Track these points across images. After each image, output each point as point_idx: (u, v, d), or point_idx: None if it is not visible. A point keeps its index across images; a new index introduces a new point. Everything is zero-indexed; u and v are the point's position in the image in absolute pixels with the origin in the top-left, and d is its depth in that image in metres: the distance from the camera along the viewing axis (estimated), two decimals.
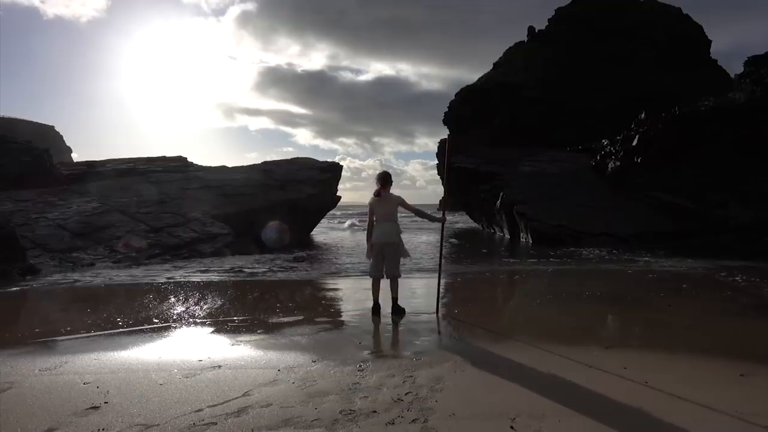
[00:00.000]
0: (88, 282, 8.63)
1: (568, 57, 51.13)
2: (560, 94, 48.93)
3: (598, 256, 12.64)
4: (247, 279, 8.92)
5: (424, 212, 5.71)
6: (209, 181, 19.98)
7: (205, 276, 9.34)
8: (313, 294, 7.24)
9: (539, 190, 19.51)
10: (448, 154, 6.09)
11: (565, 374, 3.54)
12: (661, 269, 9.81)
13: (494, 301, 6.86)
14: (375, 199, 5.38)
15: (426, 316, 5.42)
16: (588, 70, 49.99)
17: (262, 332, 4.81)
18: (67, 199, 16.45)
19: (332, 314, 5.75)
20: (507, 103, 50.64)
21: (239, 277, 9.23)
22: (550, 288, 7.64)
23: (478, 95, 53.69)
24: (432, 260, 11.85)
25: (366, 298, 6.40)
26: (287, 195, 19.69)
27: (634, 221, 16.94)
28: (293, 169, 22.71)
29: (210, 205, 17.20)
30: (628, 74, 48.74)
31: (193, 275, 9.50)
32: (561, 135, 43.08)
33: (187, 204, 16.93)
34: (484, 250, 15.32)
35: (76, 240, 12.74)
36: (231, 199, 18.17)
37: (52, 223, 13.65)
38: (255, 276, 9.36)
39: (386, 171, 5.48)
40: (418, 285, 7.95)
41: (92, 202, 16.11)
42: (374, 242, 5.36)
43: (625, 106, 42.17)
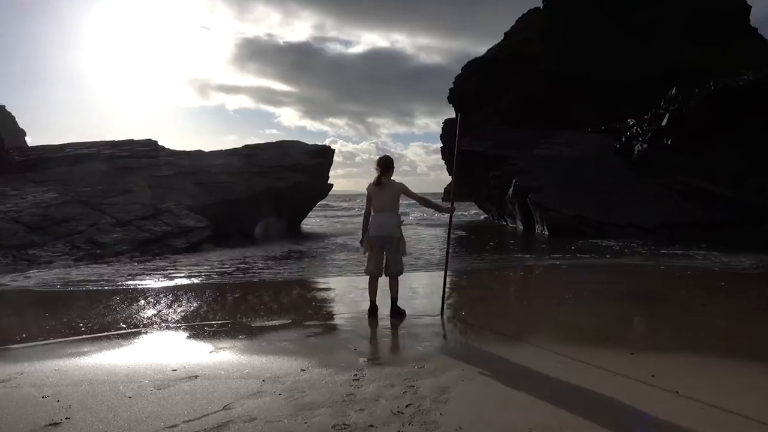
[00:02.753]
0: (46, 282, 8.61)
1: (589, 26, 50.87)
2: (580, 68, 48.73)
3: (622, 249, 12.70)
4: (226, 278, 8.94)
5: (430, 201, 5.71)
6: (183, 168, 19.88)
7: (180, 274, 9.36)
8: (301, 294, 7.25)
9: (556, 176, 19.51)
10: (459, 135, 5.98)
11: (586, 383, 3.53)
12: (694, 264, 9.87)
13: (506, 301, 6.88)
14: (374, 186, 5.38)
15: (429, 319, 5.44)
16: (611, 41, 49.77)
17: (244, 337, 4.82)
18: (21, 188, 16.35)
19: (323, 317, 5.76)
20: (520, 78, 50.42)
21: (218, 275, 9.25)
22: (569, 286, 7.67)
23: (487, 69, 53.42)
24: (436, 255, 11.90)
25: (361, 299, 6.44)
26: (272, 183, 19.63)
27: (663, 210, 16.98)
28: (278, 153, 22.61)
29: (184, 195, 17.13)
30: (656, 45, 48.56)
31: (166, 274, 9.51)
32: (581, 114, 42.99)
33: (158, 193, 16.85)
34: (494, 244, 15.37)
35: (32, 235, 12.69)
36: (208, 188, 18.10)
37: (4, 216, 13.57)
38: (236, 274, 9.37)
39: (387, 155, 5.51)
40: (420, 283, 7.98)
41: (50, 191, 16.02)
42: (372, 235, 5.35)
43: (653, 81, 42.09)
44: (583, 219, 16.67)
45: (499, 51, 55.31)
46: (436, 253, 12.26)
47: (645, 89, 41.85)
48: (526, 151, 22.13)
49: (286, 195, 19.63)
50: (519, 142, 23.21)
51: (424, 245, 14.61)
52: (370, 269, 5.45)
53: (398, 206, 5.50)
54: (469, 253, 12.51)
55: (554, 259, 10.90)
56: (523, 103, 48.75)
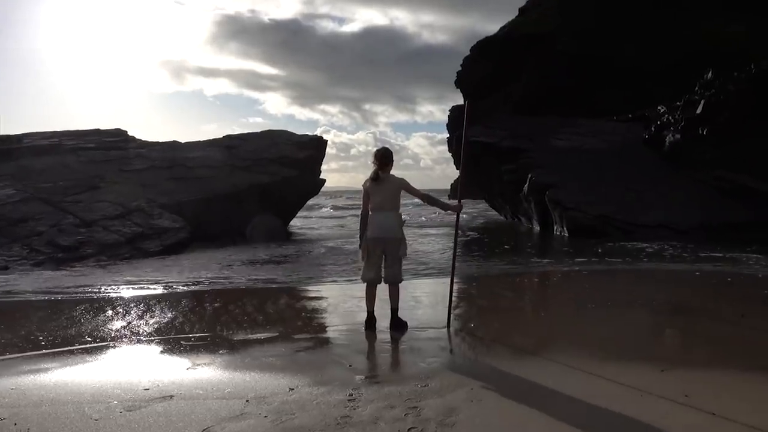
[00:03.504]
0: (1, 291, 8.61)
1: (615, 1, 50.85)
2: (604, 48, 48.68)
3: (652, 253, 12.72)
4: (205, 285, 8.97)
5: (435, 198, 5.73)
6: (156, 161, 19.89)
7: (152, 281, 9.37)
8: (290, 304, 7.27)
9: (578, 170, 19.52)
10: (467, 124, 5.98)
11: (611, 404, 3.53)
12: (734, 270, 9.87)
13: (521, 312, 6.90)
14: (372, 182, 5.40)
15: (434, 331, 5.46)
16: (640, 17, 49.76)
17: (225, 352, 4.84)
18: None
19: (314, 329, 5.78)
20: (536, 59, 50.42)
21: (195, 282, 9.27)
22: (592, 294, 7.68)
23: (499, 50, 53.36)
24: (441, 260, 11.92)
25: (357, 309, 6.50)
26: (257, 178, 19.66)
27: (698, 209, 17.00)
28: (264, 144, 22.63)
29: (157, 192, 17.15)
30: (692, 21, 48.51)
31: (137, 280, 9.52)
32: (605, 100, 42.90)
33: (128, 190, 16.86)
34: (507, 247, 15.40)
35: None
36: (184, 184, 18.13)
37: None
38: (216, 281, 9.40)
39: (386, 147, 5.55)
40: (423, 292, 8.00)
41: (6, 188, 16.02)
42: (370, 237, 5.37)
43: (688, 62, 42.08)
44: (608, 219, 16.69)
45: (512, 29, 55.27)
46: (442, 258, 12.29)
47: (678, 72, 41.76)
48: (543, 142, 22.12)
49: (272, 192, 19.65)
50: (535, 131, 23.21)
51: (428, 248, 14.64)
52: (367, 276, 5.46)
53: (399, 204, 5.52)
54: (479, 258, 12.54)
55: (576, 265, 10.90)
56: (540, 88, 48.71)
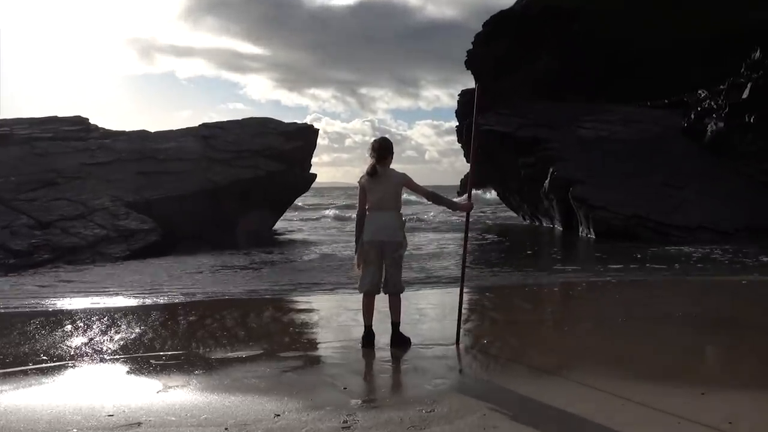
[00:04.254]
0: None
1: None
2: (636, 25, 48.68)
3: (692, 259, 12.74)
4: (178, 296, 8.96)
5: (441, 196, 5.74)
6: (122, 153, 19.88)
7: (118, 291, 9.36)
8: (275, 317, 7.27)
9: (606, 164, 19.53)
10: (479, 111, 5.96)
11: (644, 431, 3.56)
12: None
13: (541, 326, 6.91)
14: (369, 178, 5.40)
15: (441, 349, 5.47)
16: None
17: (201, 373, 4.85)
18: None
19: (304, 346, 5.79)
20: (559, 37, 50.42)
21: (167, 292, 9.26)
22: (623, 306, 7.70)
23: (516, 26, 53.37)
24: (449, 267, 11.89)
25: (353, 323, 6.51)
26: (237, 173, 19.63)
27: (745, 208, 17.01)
28: (246, 134, 22.61)
29: (124, 189, 17.13)
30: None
31: (100, 290, 9.50)
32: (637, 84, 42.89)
33: (90, 186, 16.85)
34: (525, 252, 15.39)
35: None
36: (155, 179, 18.10)
37: None
38: (191, 291, 9.39)
39: (385, 137, 5.57)
40: (429, 303, 8.03)
41: None
42: (367, 240, 5.38)
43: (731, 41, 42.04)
44: (641, 219, 16.69)
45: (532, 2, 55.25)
46: (450, 265, 12.27)
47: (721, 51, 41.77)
48: (567, 131, 22.11)
49: (255, 188, 19.62)
50: (558, 119, 23.20)
51: (434, 253, 14.63)
52: (364, 285, 5.45)
53: (400, 203, 5.52)
54: (493, 264, 12.52)
55: (603, 272, 10.91)
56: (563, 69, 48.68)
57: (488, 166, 24.06)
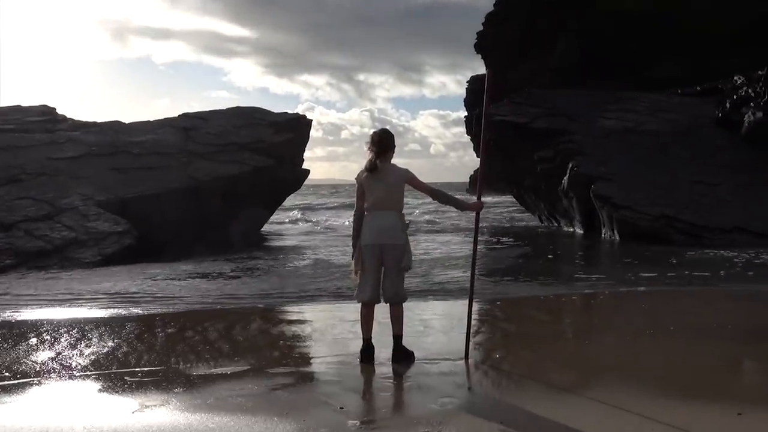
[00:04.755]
0: None
1: None
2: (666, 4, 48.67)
3: (729, 264, 12.67)
4: (155, 305, 8.97)
5: (448, 195, 5.71)
6: (93, 146, 19.86)
7: (89, 301, 9.36)
8: (264, 329, 7.28)
9: (632, 158, 19.44)
10: (489, 99, 5.94)
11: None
12: None
13: (560, 339, 6.89)
14: (367, 174, 5.40)
15: (448, 364, 5.47)
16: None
17: (181, 391, 4.84)
18: None
19: (295, 361, 5.76)
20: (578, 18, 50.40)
21: (143, 302, 9.27)
22: (651, 317, 7.69)
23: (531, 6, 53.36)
24: (456, 274, 11.83)
25: (350, 336, 6.50)
26: (222, 168, 19.60)
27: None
28: (231, 125, 22.59)
29: (95, 186, 17.12)
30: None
31: (69, 299, 9.50)
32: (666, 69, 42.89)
33: (57, 184, 16.83)
34: (542, 257, 15.34)
35: None
36: (129, 176, 18.09)
37: None
38: (169, 301, 9.40)
39: (386, 129, 5.56)
40: (434, 314, 8.00)
41: None
42: (366, 244, 5.37)
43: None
44: (670, 220, 16.61)
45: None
46: (457, 273, 12.17)
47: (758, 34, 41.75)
48: (588, 122, 22.01)
49: (241, 186, 19.58)
50: (578, 109, 23.08)
51: (439, 259, 14.56)
52: (363, 293, 5.43)
53: (402, 202, 5.50)
54: (506, 272, 12.47)
55: (629, 280, 10.84)
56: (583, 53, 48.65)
57: (501, 161, 24.01)
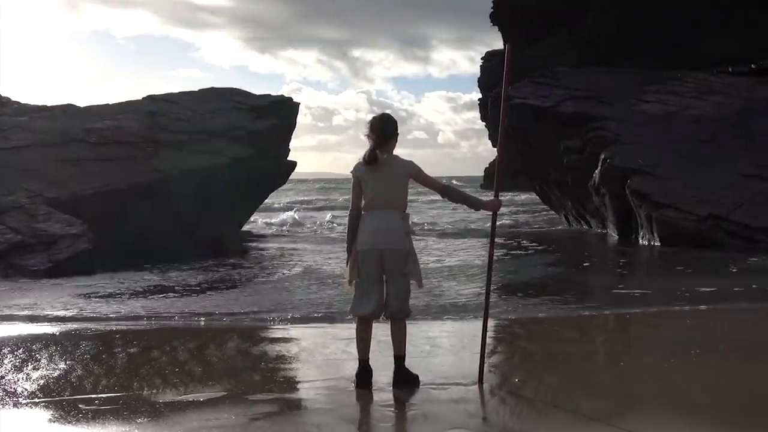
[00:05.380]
0: None
1: None
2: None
3: None
4: (116, 321, 8.97)
5: (459, 191, 5.68)
6: (42, 134, 19.89)
7: (36, 315, 9.41)
8: (242, 349, 7.21)
9: (675, 148, 19.34)
10: (508, 79, 5.90)
11: None
12: None
13: (589, 361, 6.82)
14: (365, 167, 5.35)
15: (459, 390, 5.45)
16: None
17: (145, 421, 4.81)
18: None
19: (279, 386, 5.74)
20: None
21: (102, 317, 9.28)
22: (697, 335, 7.63)
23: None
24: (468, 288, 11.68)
25: (344, 357, 6.54)
26: (193, 160, 19.57)
27: None
28: (203, 110, 22.60)
29: (45, 181, 17.11)
30: None
31: (13, 313, 9.55)
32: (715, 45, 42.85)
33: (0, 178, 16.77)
34: (585, 264, 15.24)
35: None
36: (85, 169, 18.06)
37: None
38: (132, 316, 9.41)
39: (387, 114, 5.52)
40: (442, 331, 8.03)
41: None
42: (363, 249, 5.32)
43: None
44: (720, 221, 16.42)
45: None
46: (469, 285, 12.02)
47: None
48: (624, 106, 21.91)
49: (216, 181, 19.52)
50: (612, 90, 22.98)
51: (450, 269, 14.43)
52: (360, 307, 5.36)
53: (406, 200, 5.43)
54: (528, 286, 12.20)
55: (673, 294, 10.66)
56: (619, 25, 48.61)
57: (521, 152, 23.90)
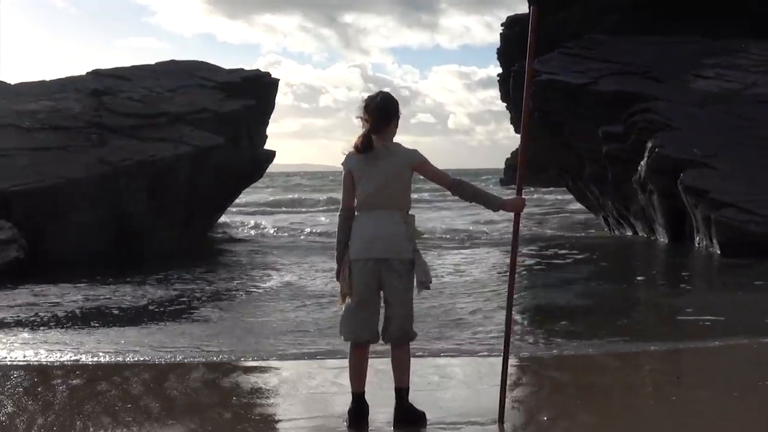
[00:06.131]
0: None
1: None
2: None
3: None
4: (52, 350, 8.85)
5: (475, 188, 5.63)
6: None
7: None
8: (210, 382, 7.17)
9: (738, 135, 19.44)
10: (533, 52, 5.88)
11: None
12: None
13: (631, 394, 6.70)
14: (359, 157, 5.31)
15: (475, 429, 5.49)
16: None
17: None
18: None
19: (255, 426, 5.76)
20: None
21: (33, 344, 9.20)
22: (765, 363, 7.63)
23: None
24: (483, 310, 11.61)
25: (333, 389, 6.59)
26: (148, 149, 19.56)
27: None
28: (161, 88, 22.65)
29: None
30: None
31: None
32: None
33: None
34: (638, 278, 15.13)
35: None
36: (15, 161, 18.07)
37: None
38: (74, 343, 9.25)
39: (385, 93, 5.51)
40: (453, 361, 8.06)
41: None
42: (356, 258, 5.27)
43: None
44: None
45: None
46: (484, 306, 11.86)
47: None
48: (676, 83, 22.03)
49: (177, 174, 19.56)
50: (662, 64, 23.07)
51: (463, 287, 14.20)
52: (353, 329, 5.31)
53: (409, 198, 5.46)
54: (561, 309, 11.89)
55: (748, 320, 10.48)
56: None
57: (550, 140, 23.90)
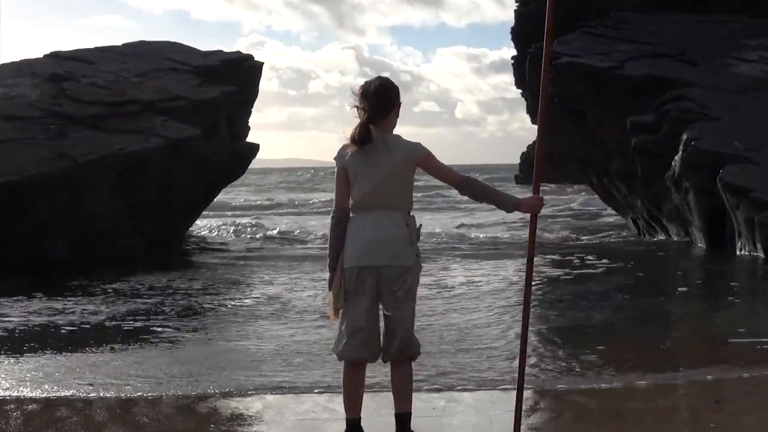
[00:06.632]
0: None
1: None
2: None
3: None
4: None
5: (485, 186, 5.49)
6: None
7: None
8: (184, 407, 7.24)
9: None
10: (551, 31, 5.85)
11: None
12: None
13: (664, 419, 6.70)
14: (355, 151, 5.21)
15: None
16: None
17: None
18: None
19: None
20: None
21: None
22: None
23: None
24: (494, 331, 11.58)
25: (324, 415, 6.70)
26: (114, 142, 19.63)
27: None
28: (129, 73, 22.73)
29: None
30: None
31: None
32: None
33: None
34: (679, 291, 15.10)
35: None
36: None
37: None
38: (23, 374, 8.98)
39: (384, 78, 5.46)
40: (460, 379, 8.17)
41: None
42: (351, 266, 5.15)
43: None
44: None
45: None
46: (497, 329, 11.73)
47: None
48: (714, 67, 22.14)
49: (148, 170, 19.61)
50: (698, 45, 23.22)
51: (467, 303, 14.01)
52: (347, 346, 5.21)
53: (410, 197, 5.39)
54: (588, 330, 11.73)
55: None
56: None
57: (571, 131, 24.00)
